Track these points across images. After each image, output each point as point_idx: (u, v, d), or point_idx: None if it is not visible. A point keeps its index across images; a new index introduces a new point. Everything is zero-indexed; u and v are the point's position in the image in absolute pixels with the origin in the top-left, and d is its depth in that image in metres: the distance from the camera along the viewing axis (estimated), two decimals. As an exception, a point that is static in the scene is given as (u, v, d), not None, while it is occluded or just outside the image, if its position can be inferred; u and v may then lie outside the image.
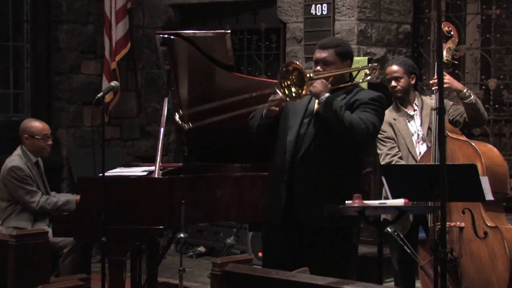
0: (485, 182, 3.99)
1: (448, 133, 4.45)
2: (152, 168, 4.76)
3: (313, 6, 6.57)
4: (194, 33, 5.03)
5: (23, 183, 5.38)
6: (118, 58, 7.36)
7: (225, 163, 4.99)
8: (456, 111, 4.72)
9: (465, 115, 4.66)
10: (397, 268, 4.83)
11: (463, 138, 4.53)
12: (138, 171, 4.95)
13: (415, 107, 4.82)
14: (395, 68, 4.80)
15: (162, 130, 4.74)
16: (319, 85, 3.93)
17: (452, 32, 4.71)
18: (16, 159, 5.45)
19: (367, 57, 6.28)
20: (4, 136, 6.64)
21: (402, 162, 4.71)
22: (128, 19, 7.46)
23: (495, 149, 4.53)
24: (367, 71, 4.21)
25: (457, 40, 4.74)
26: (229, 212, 4.71)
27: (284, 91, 3.88)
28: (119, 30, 7.36)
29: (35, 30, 7.50)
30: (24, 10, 7.51)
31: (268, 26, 7.19)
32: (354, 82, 4.13)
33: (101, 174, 4.33)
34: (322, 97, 3.90)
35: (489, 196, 4.04)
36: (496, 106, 6.26)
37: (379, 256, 3.77)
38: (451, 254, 4.35)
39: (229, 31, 4.79)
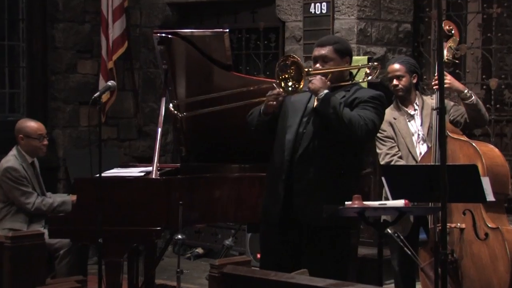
0: (486, 182, 3.99)
1: (449, 133, 4.46)
2: (149, 168, 4.76)
3: (312, 5, 6.58)
4: (192, 32, 5.03)
5: (18, 184, 5.38)
6: (115, 58, 7.36)
7: (223, 163, 4.99)
8: (457, 111, 4.73)
9: (466, 115, 4.66)
10: (397, 270, 4.83)
11: (464, 138, 4.53)
12: (135, 171, 4.95)
13: (416, 107, 4.83)
14: (397, 67, 4.81)
15: (160, 130, 4.74)
16: (318, 82, 3.93)
17: (453, 31, 4.71)
18: (11, 159, 5.45)
19: (367, 56, 6.28)
20: (-1, 136, 6.64)
21: (401, 162, 4.71)
22: (125, 18, 7.46)
23: (496, 149, 4.54)
24: (367, 71, 4.21)
25: (458, 39, 4.75)
26: (227, 213, 4.71)
27: (281, 85, 3.88)
28: (116, 29, 7.36)
29: (31, 29, 7.49)
30: (19, 9, 7.50)
31: (267, 25, 7.19)
32: (354, 81, 4.14)
33: (97, 175, 4.32)
34: (321, 93, 3.90)
35: (490, 197, 4.04)
36: (497, 106, 6.27)
37: (379, 257, 3.77)
38: (451, 255, 4.35)
39: (227, 30, 4.79)
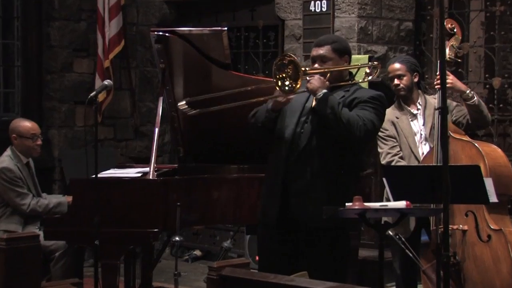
0: (489, 183, 3.99)
1: (451, 133, 4.46)
2: (146, 169, 4.76)
3: (312, 3, 6.57)
4: (190, 30, 5.03)
5: (13, 185, 5.38)
6: (111, 56, 7.36)
7: (221, 164, 4.99)
8: (460, 112, 4.73)
9: (468, 116, 4.67)
10: (398, 272, 4.83)
11: (467, 138, 4.53)
12: (132, 172, 4.96)
13: (419, 106, 4.83)
14: (398, 66, 4.81)
15: (157, 130, 4.74)
16: (316, 81, 3.93)
17: (455, 30, 4.71)
18: (6, 160, 5.45)
19: (367, 55, 6.28)
20: (-6, 137, 6.64)
21: (402, 162, 4.71)
22: (122, 16, 7.45)
23: (499, 149, 4.54)
24: (367, 70, 4.20)
25: (460, 37, 4.75)
26: (225, 215, 4.71)
27: (278, 84, 3.88)
28: (112, 27, 7.36)
29: (26, 27, 7.50)
30: (14, 7, 7.50)
31: (266, 23, 7.19)
32: (354, 81, 4.13)
33: (94, 176, 4.33)
34: (319, 93, 3.90)
35: (493, 198, 4.04)
36: (501, 105, 6.26)
37: (380, 260, 3.76)
38: (454, 258, 4.35)
39: (225, 28, 4.79)
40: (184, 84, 4.97)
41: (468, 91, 4.62)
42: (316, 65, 4.07)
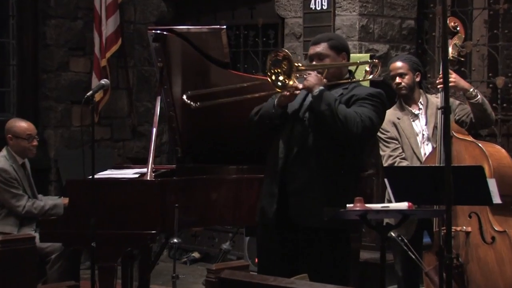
0: (492, 184, 3.99)
1: (454, 133, 4.46)
2: (144, 170, 4.76)
3: (312, 1, 6.58)
4: (188, 28, 5.03)
5: (8, 186, 5.38)
6: (108, 55, 7.37)
7: (220, 164, 4.99)
8: (463, 111, 4.73)
9: (471, 115, 4.67)
10: (400, 275, 4.83)
11: (470, 138, 4.53)
12: (129, 173, 4.95)
13: (420, 106, 4.83)
14: (399, 65, 4.81)
15: (155, 130, 4.74)
16: (312, 78, 3.92)
17: (458, 28, 4.71)
18: (1, 160, 5.45)
19: (369, 54, 6.29)
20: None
21: (405, 163, 4.71)
22: (119, 14, 7.46)
23: (503, 150, 4.54)
24: (367, 68, 4.19)
25: (463, 36, 4.75)
26: (224, 216, 4.71)
27: (272, 78, 3.88)
28: (109, 26, 7.36)
29: (21, 25, 7.49)
30: (9, 5, 7.50)
31: (265, 22, 7.20)
32: (354, 79, 4.11)
33: (90, 177, 4.32)
34: (316, 90, 3.89)
35: (496, 199, 4.04)
36: (504, 105, 6.27)
37: (381, 262, 3.76)
38: (457, 260, 4.35)
39: (224, 27, 4.79)
40: (182, 83, 4.96)
41: (471, 89, 4.61)
42: (313, 63, 4.07)
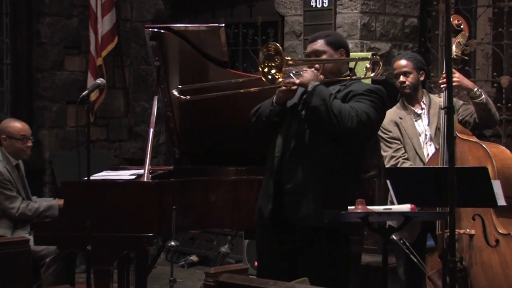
0: (497, 186, 3.99)
1: (458, 133, 4.46)
2: (140, 171, 4.76)
3: (313, -2, 6.59)
4: (186, 27, 5.03)
5: (2, 188, 5.38)
6: (104, 54, 7.37)
7: (219, 166, 4.99)
8: (466, 111, 4.73)
9: (475, 115, 4.67)
10: (403, 279, 4.83)
11: (474, 139, 4.53)
12: (125, 174, 4.96)
13: (423, 106, 4.83)
14: (404, 63, 4.82)
15: (152, 130, 4.74)
16: (308, 74, 3.93)
17: (462, 26, 4.71)
18: (-5, 162, 5.46)
19: (370, 52, 6.29)
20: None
21: (407, 163, 4.71)
22: (115, 11, 7.46)
23: (508, 151, 4.54)
24: (367, 65, 4.19)
25: (467, 34, 4.75)
26: (223, 219, 4.71)
27: (264, 71, 3.89)
28: (105, 24, 7.36)
29: (15, 23, 7.49)
30: (3, 3, 7.50)
31: (265, 20, 7.20)
32: (354, 77, 4.10)
33: (86, 178, 4.33)
34: (311, 85, 3.90)
35: (501, 201, 4.04)
36: (509, 105, 6.27)
37: (384, 265, 3.77)
38: (460, 263, 4.36)
39: (223, 25, 4.79)
40: (180, 83, 4.96)
41: (475, 89, 4.62)
42: None
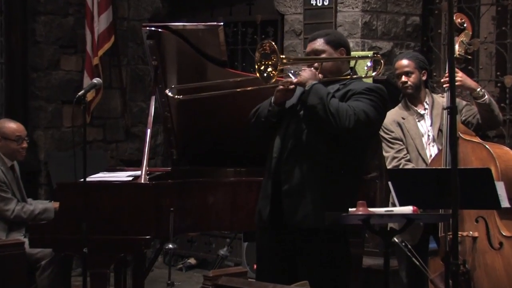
0: (500, 187, 3.99)
1: (461, 134, 4.46)
2: (138, 172, 4.76)
3: (313, -4, 6.59)
4: (184, 25, 5.04)
5: (-4, 189, 5.38)
6: (100, 53, 7.36)
7: (217, 167, 4.99)
8: (469, 111, 4.73)
9: (478, 116, 4.67)
10: (405, 282, 4.84)
11: (477, 140, 4.53)
12: (122, 176, 4.96)
13: (426, 106, 4.83)
14: (406, 63, 4.82)
15: (149, 131, 4.74)
16: (306, 73, 3.93)
17: (465, 24, 4.71)
18: (-11, 163, 5.46)
19: (371, 51, 6.29)
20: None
21: (410, 165, 4.71)
22: (112, 10, 7.46)
23: (512, 152, 4.55)
24: (368, 64, 4.18)
25: (470, 33, 4.75)
26: (222, 221, 4.71)
27: (261, 69, 3.90)
28: (102, 22, 7.36)
29: (10, 22, 7.49)
30: (-2, 1, 7.51)
31: (264, 18, 7.20)
32: (355, 76, 4.10)
33: (82, 180, 4.33)
34: (308, 85, 3.90)
35: (505, 203, 4.04)
36: (513, 105, 6.27)
37: (385, 268, 3.77)
38: (463, 266, 4.35)
39: (222, 24, 4.80)
40: (177, 82, 4.97)
41: (478, 89, 4.62)
42: None
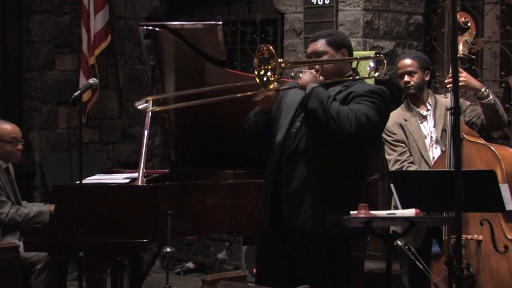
0: (505, 190, 4.00)
1: (465, 135, 4.46)
2: (135, 175, 4.75)
3: (314, -5, 6.59)
4: (182, 24, 5.04)
5: (-9, 192, 5.38)
6: (97, 53, 7.36)
7: (216, 169, 4.99)
8: (473, 112, 4.73)
9: (482, 117, 4.67)
10: (408, 286, 4.84)
11: (481, 141, 4.53)
12: (119, 178, 4.95)
13: (429, 107, 4.83)
14: (409, 62, 4.81)
15: (146, 132, 4.73)
16: (306, 76, 3.92)
17: (468, 24, 4.71)
18: (-17, 165, 5.45)
19: (373, 51, 6.29)
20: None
21: (413, 167, 4.71)
22: (109, 9, 7.46)
23: (517, 153, 4.54)
24: (371, 64, 4.18)
25: (474, 32, 4.75)
26: (220, 224, 4.71)
27: (260, 74, 3.90)
28: (98, 21, 7.36)
29: (4, 21, 7.48)
30: (-8, -1, 7.51)
31: (264, 17, 7.20)
32: (357, 77, 4.09)
33: (78, 182, 4.32)
34: (309, 87, 3.90)
35: (509, 206, 4.05)
36: (518, 105, 6.28)
37: (387, 272, 3.76)
38: (467, 270, 4.35)
39: (220, 23, 4.80)
40: (175, 83, 4.97)
41: (483, 89, 4.62)
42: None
